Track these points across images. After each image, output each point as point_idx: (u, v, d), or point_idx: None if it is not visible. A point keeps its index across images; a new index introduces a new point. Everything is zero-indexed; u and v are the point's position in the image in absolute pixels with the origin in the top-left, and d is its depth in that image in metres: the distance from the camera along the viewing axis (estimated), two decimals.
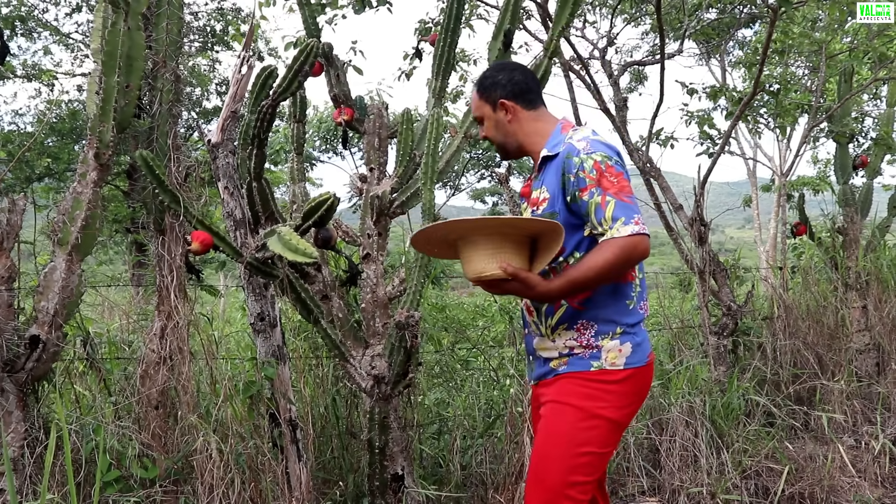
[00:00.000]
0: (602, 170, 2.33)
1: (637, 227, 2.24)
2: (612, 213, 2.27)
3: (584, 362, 2.43)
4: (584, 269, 2.29)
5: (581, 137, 2.44)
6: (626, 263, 2.27)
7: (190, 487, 3.36)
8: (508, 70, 2.64)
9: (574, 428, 2.38)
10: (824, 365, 5.46)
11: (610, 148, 2.43)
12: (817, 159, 17.28)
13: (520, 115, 2.62)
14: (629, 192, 2.33)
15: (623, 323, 2.44)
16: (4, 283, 3.04)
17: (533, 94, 2.64)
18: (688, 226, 5.60)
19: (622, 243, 2.23)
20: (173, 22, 3.48)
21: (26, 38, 15.54)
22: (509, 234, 2.32)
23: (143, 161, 3.14)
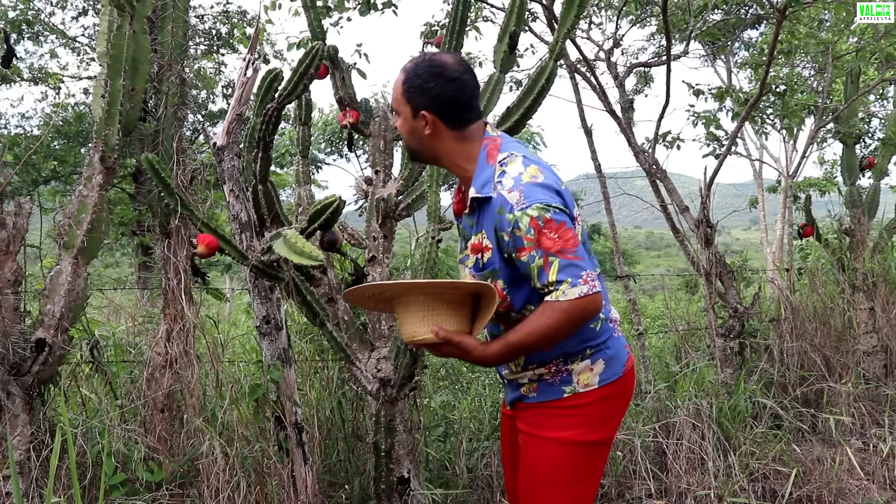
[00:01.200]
0: (540, 227, 2.08)
1: (586, 286, 2.06)
2: (557, 276, 2.06)
3: (555, 389, 2.30)
4: (524, 334, 2.14)
5: (512, 185, 2.16)
6: (573, 327, 2.11)
7: (196, 491, 3.36)
8: (443, 80, 2.26)
9: (559, 464, 2.28)
10: (832, 367, 5.44)
11: (546, 190, 2.16)
12: (824, 160, 17.22)
13: (441, 132, 2.31)
14: (574, 246, 2.09)
15: (593, 344, 2.29)
16: (10, 287, 3.04)
17: (464, 114, 2.29)
18: (694, 227, 5.59)
19: (567, 307, 2.06)
20: (178, 25, 3.49)
21: (33, 42, 15.61)
22: (443, 295, 2.19)
23: (148, 164, 3.15)
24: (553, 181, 2.20)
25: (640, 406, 4.54)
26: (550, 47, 3.58)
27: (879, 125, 12.30)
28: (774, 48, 5.42)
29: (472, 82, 2.31)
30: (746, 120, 5.97)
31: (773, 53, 5.52)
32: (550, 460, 2.28)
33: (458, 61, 2.31)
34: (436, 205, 3.55)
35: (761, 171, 20.92)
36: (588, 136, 6.61)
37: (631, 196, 7.18)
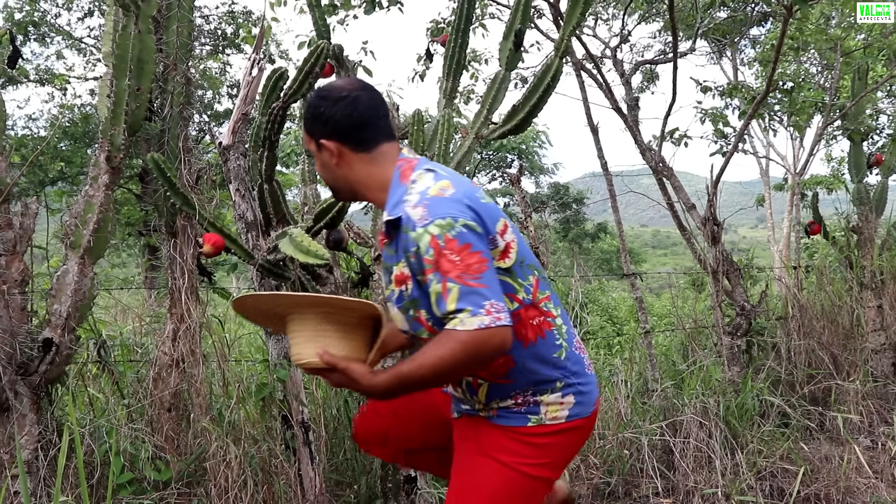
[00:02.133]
0: (440, 247, 1.86)
1: (488, 318, 1.81)
2: (457, 304, 1.82)
3: (519, 417, 2.08)
4: (417, 365, 1.90)
5: (417, 201, 1.95)
6: (472, 362, 1.86)
7: (203, 490, 3.36)
8: (330, 102, 2.09)
9: (497, 483, 2.08)
10: (839, 365, 5.42)
11: (454, 203, 1.94)
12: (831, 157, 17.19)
13: (348, 157, 2.11)
14: (478, 271, 1.86)
15: (562, 375, 2.09)
16: (18, 287, 3.05)
17: (363, 132, 2.10)
18: (701, 225, 5.57)
19: (465, 339, 1.81)
20: (184, 25, 3.49)
21: (39, 43, 15.64)
22: (332, 315, 2.00)
23: (154, 164, 3.15)
24: (467, 195, 1.99)
25: (648, 404, 4.53)
26: (556, 44, 3.57)
27: (887, 122, 12.27)
28: (781, 45, 5.40)
29: (367, 98, 2.11)
30: (754, 117, 5.95)
31: (781, 50, 5.50)
32: (489, 479, 2.09)
33: (348, 82, 2.14)
34: None
35: (768, 168, 20.89)
36: (594, 134, 6.61)
37: (637, 194, 7.17)
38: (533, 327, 2.05)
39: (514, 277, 2.03)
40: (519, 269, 2.04)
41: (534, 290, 2.08)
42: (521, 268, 2.05)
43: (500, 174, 27.42)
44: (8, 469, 2.96)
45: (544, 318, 2.08)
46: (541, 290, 2.10)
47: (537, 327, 2.06)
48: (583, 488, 3.86)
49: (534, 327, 2.05)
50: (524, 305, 2.04)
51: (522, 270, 2.05)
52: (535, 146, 27.67)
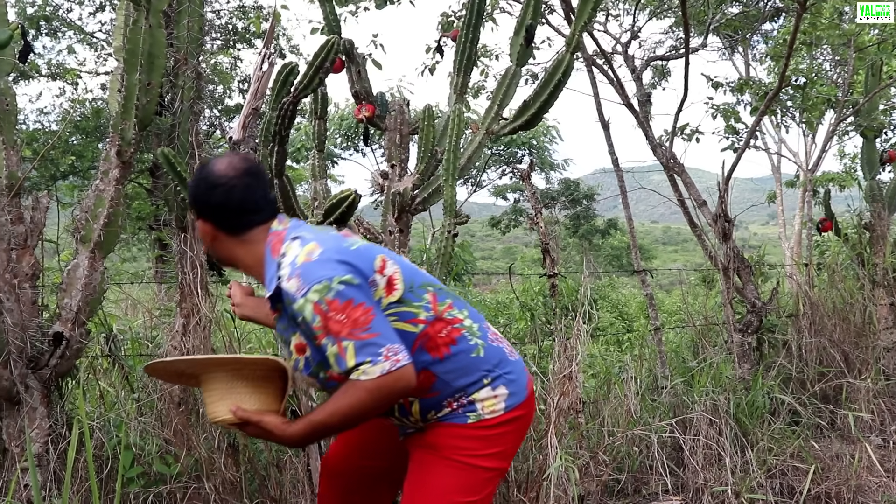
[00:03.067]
0: (324, 312, 1.94)
1: (388, 363, 1.92)
2: (355, 360, 1.92)
3: (459, 416, 2.16)
4: (328, 414, 2.00)
5: (289, 273, 2.02)
6: (382, 405, 1.98)
7: (211, 484, 3.37)
8: (205, 188, 2.16)
9: (448, 479, 2.15)
10: (851, 363, 5.39)
11: (325, 264, 2.01)
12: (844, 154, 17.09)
13: (221, 238, 2.21)
14: (366, 322, 1.95)
15: (486, 371, 2.17)
16: (28, 281, 3.06)
17: (235, 219, 2.17)
18: (712, 222, 5.55)
19: (370, 387, 1.92)
20: (194, 19, 3.49)
21: (51, 38, 15.70)
22: (241, 371, 2.09)
23: (164, 158, 3.16)
24: (335, 250, 2.06)
25: (657, 401, 4.52)
26: (567, 40, 3.56)
27: None
28: (794, 40, 5.37)
29: (242, 187, 2.15)
30: (766, 113, 5.92)
31: (793, 45, 5.46)
32: (438, 474, 2.17)
33: (229, 166, 2.18)
34: (452, 199, 3.54)
35: (780, 165, 20.80)
36: (605, 130, 6.58)
37: (648, 191, 7.15)
38: (443, 339, 2.14)
39: (409, 303, 2.12)
40: (411, 294, 2.13)
41: (433, 305, 2.16)
42: (412, 293, 2.13)
43: (510, 170, 27.38)
44: (18, 462, 2.97)
45: (451, 326, 2.16)
46: (440, 301, 2.18)
47: (447, 337, 2.15)
48: (592, 485, 3.85)
49: (444, 339, 2.14)
50: (429, 323, 2.13)
51: (415, 294, 2.14)
52: (546, 142, 27.62)
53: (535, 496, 3.52)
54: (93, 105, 15.67)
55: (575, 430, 3.80)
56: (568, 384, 3.67)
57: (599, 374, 5.00)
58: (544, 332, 4.68)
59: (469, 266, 12.40)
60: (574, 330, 3.80)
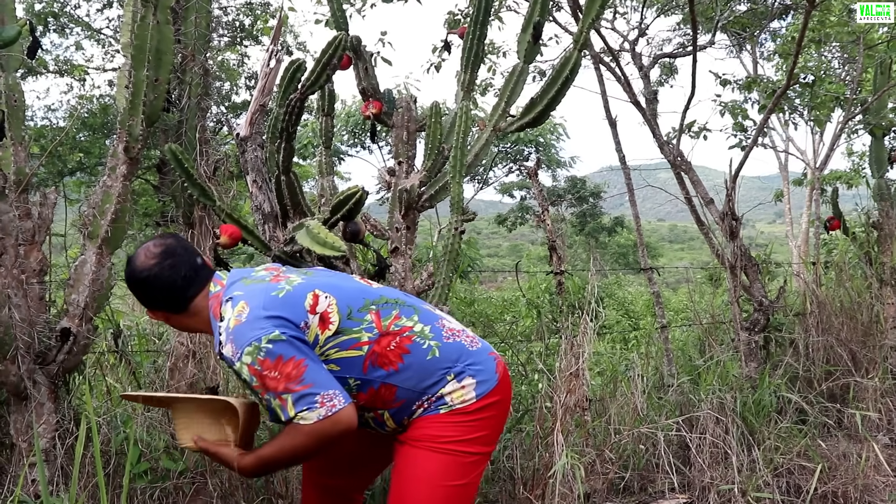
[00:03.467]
0: (259, 371, 2.06)
1: (323, 409, 2.04)
2: (295, 409, 2.05)
3: (431, 410, 2.26)
4: (275, 450, 2.17)
5: (225, 339, 2.14)
6: (323, 445, 2.12)
7: (218, 479, 3.37)
8: (136, 284, 2.29)
9: (432, 467, 2.23)
10: (858, 362, 5.37)
11: (252, 324, 2.11)
12: (852, 152, 17.02)
13: (174, 318, 2.37)
14: (297, 375, 2.06)
15: (446, 368, 2.26)
16: (36, 276, 3.07)
17: (172, 301, 2.30)
18: (719, 220, 5.54)
19: (309, 431, 2.06)
20: (202, 16, 3.50)
21: (59, 34, 15.70)
22: (203, 406, 2.27)
23: (172, 155, 3.16)
24: (262, 306, 2.14)
25: (664, 399, 4.51)
26: (575, 37, 3.55)
27: None
28: (803, 37, 5.35)
29: (167, 268, 2.26)
30: (774, 111, 5.90)
31: (802, 43, 5.44)
32: (422, 465, 2.25)
33: (146, 256, 2.28)
34: (459, 196, 3.53)
35: (787, 163, 20.73)
36: (612, 128, 6.58)
37: (654, 189, 7.13)
38: (393, 351, 2.22)
39: (349, 331, 2.20)
40: (349, 322, 2.20)
41: (376, 323, 2.23)
42: (350, 320, 2.21)
43: (516, 167, 27.34)
44: (26, 457, 2.98)
45: (399, 336, 2.23)
46: (384, 316, 2.25)
47: (398, 348, 2.22)
48: (598, 483, 3.85)
49: (394, 351, 2.22)
50: (373, 342, 2.21)
51: (354, 320, 2.21)
52: (553, 139, 27.57)
53: (542, 494, 3.51)
54: (100, 101, 15.68)
55: (581, 428, 3.80)
56: (574, 382, 3.67)
57: (606, 372, 4.99)
58: (551, 329, 4.68)
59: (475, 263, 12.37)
60: (581, 328, 3.79)
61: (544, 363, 4.28)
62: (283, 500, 3.45)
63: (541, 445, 3.67)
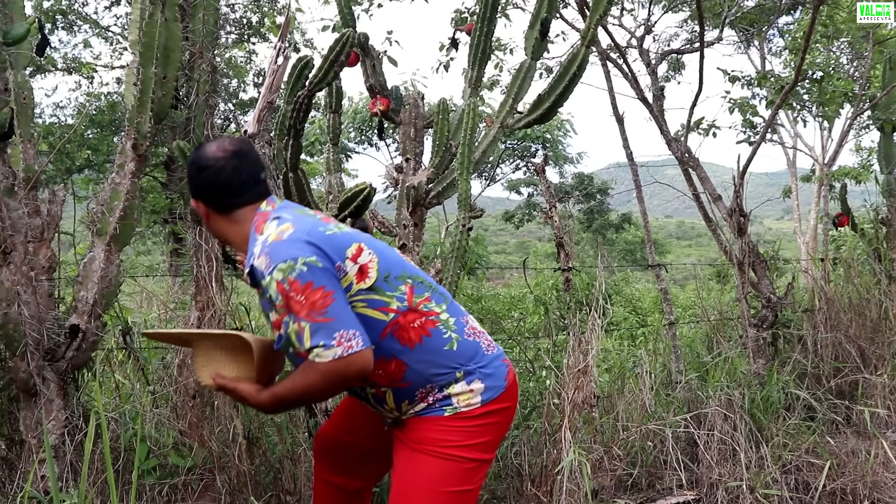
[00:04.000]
0: (286, 291, 2.03)
1: (340, 348, 1.99)
2: (311, 341, 2.00)
3: (436, 410, 2.23)
4: (288, 389, 2.14)
5: (260, 251, 2.13)
6: (335, 387, 2.11)
7: (226, 476, 3.38)
8: (199, 169, 2.28)
9: (433, 472, 2.21)
10: (867, 358, 5.35)
11: (293, 244, 2.09)
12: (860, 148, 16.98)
13: (214, 217, 2.34)
14: (323, 305, 2.02)
15: (459, 364, 2.23)
16: (45, 273, 3.08)
17: (224, 199, 2.29)
18: (727, 216, 5.52)
19: (323, 370, 2.01)
20: (209, 13, 3.50)
21: (67, 32, 15.76)
22: (221, 342, 2.26)
23: (180, 151, 3.17)
24: (307, 232, 2.13)
25: (671, 396, 4.50)
26: (582, 34, 3.55)
27: None
28: (811, 33, 5.33)
29: (231, 167, 2.27)
30: (782, 107, 5.88)
31: (810, 39, 5.42)
32: (423, 469, 2.22)
33: (220, 149, 2.29)
34: (466, 193, 3.54)
35: (795, 159, 20.66)
36: (620, 124, 6.56)
37: (662, 185, 7.12)
38: (415, 330, 2.19)
39: (382, 292, 2.17)
40: (385, 284, 2.18)
41: (409, 296, 2.21)
42: (386, 283, 2.19)
43: (524, 164, 27.31)
44: (36, 453, 2.99)
45: (426, 318, 2.21)
46: (417, 294, 2.23)
47: (420, 328, 2.20)
48: (605, 479, 3.84)
49: (416, 329, 2.20)
50: (401, 313, 2.18)
51: (390, 284, 2.19)
52: (560, 136, 27.54)
53: (549, 490, 3.51)
54: (108, 99, 15.73)
55: (589, 425, 3.80)
56: (582, 378, 3.66)
57: (613, 369, 4.99)
58: (558, 326, 4.68)
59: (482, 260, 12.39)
60: (589, 324, 3.79)
61: (552, 360, 4.28)
62: (292, 496, 3.46)
63: (548, 442, 3.66)
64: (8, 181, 2.99)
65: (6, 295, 2.93)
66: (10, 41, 2.82)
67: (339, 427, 2.65)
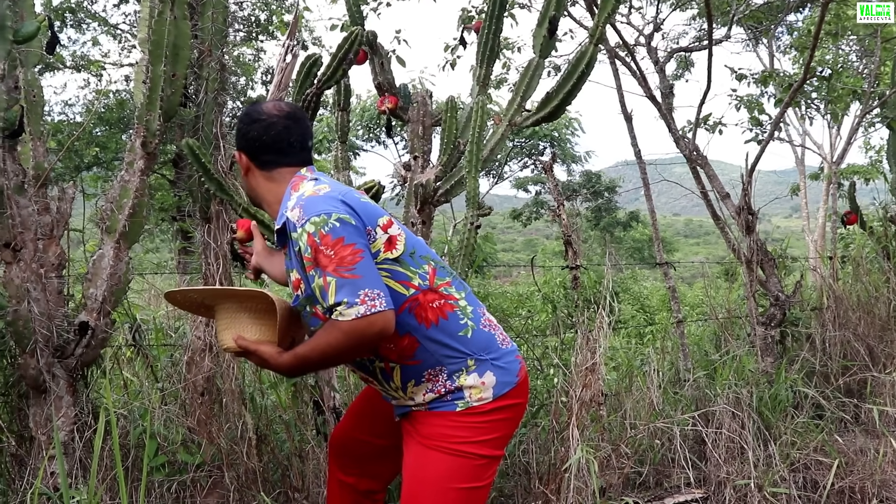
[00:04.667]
0: (316, 244, 2.03)
1: (363, 307, 1.98)
2: (335, 297, 1.99)
3: (448, 404, 2.21)
4: (310, 349, 2.13)
5: (295, 203, 2.15)
6: (357, 347, 2.06)
7: (234, 473, 3.39)
8: (248, 120, 2.36)
9: (443, 469, 2.20)
10: (875, 357, 5.34)
11: (328, 200, 2.12)
12: (869, 146, 16.91)
13: (253, 171, 2.39)
14: (351, 262, 2.02)
15: (471, 352, 2.22)
16: (54, 271, 3.09)
17: (266, 154, 2.34)
18: (735, 214, 5.52)
19: (346, 328, 2.00)
20: (219, 11, 3.51)
21: (76, 30, 15.80)
22: (245, 303, 2.25)
23: (189, 150, 3.18)
24: (342, 193, 2.17)
25: (679, 394, 4.50)
26: (591, 31, 3.55)
27: None
28: (820, 31, 5.31)
29: (281, 127, 2.34)
30: (790, 105, 5.87)
31: (819, 36, 5.41)
32: (434, 464, 2.21)
33: (275, 107, 2.38)
34: (474, 191, 3.54)
35: (803, 157, 20.60)
36: (628, 123, 6.55)
37: (670, 183, 7.11)
38: (433, 309, 2.20)
39: (406, 266, 2.19)
40: (410, 259, 2.20)
41: (430, 276, 2.23)
42: (412, 258, 2.21)
43: (531, 161, 27.30)
44: (45, 450, 3.01)
45: (445, 300, 2.22)
46: (439, 276, 2.25)
47: (438, 309, 2.21)
48: (613, 477, 3.84)
49: (434, 309, 2.20)
50: (421, 290, 2.20)
51: (414, 260, 2.22)
52: (568, 134, 27.53)
53: (557, 488, 3.52)
54: (116, 97, 15.77)
55: (597, 423, 3.80)
56: (590, 376, 3.66)
57: (621, 367, 4.98)
58: (566, 324, 4.68)
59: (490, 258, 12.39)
60: (597, 322, 3.79)
61: (560, 357, 4.28)
62: (300, 493, 3.47)
63: (556, 440, 3.67)
64: (18, 178, 3.00)
65: (16, 292, 2.94)
66: (21, 39, 2.83)
67: (353, 427, 2.67)
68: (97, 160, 15.24)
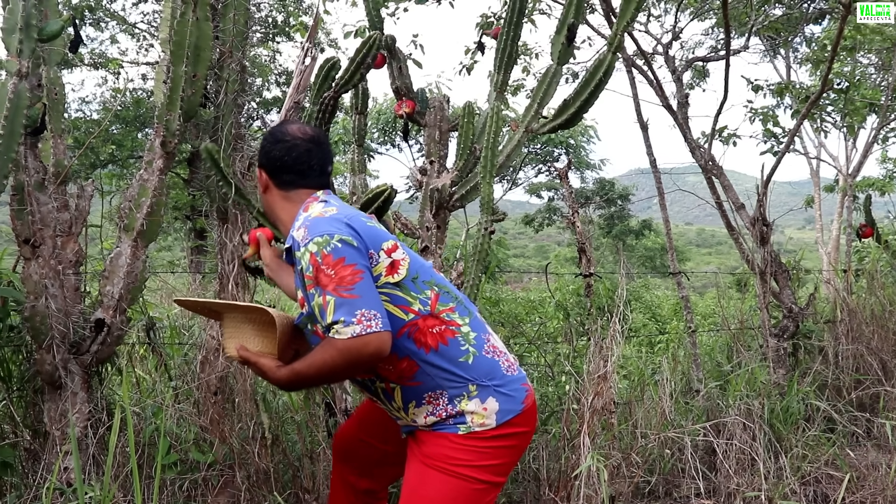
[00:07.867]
0: (318, 263, 2.07)
1: (359, 326, 2.00)
2: (333, 316, 2.02)
3: (450, 427, 2.21)
4: (307, 365, 2.14)
5: (301, 223, 2.22)
6: (352, 366, 2.06)
7: (245, 473, 3.41)
8: (272, 140, 2.42)
9: (442, 489, 2.19)
10: (889, 371, 5.32)
11: (332, 222, 2.16)
12: (886, 158, 16.81)
13: (270, 189, 2.45)
14: (351, 282, 2.05)
15: (473, 378, 2.21)
16: (72, 267, 3.11)
17: (286, 174, 2.40)
18: (749, 225, 5.50)
19: (341, 347, 2.01)
20: (240, 13, 3.52)
21: (94, 28, 15.91)
22: (250, 315, 2.29)
23: (208, 154, 3.20)
24: (348, 216, 2.21)
25: (691, 404, 4.49)
26: (609, 39, 3.55)
27: None
28: (838, 43, 5.30)
29: (303, 150, 2.40)
30: (806, 117, 5.85)
31: (837, 49, 5.40)
32: (434, 486, 2.21)
33: (299, 129, 2.45)
34: (489, 196, 3.55)
35: (818, 169, 20.50)
36: (644, 131, 6.54)
37: (683, 192, 7.10)
38: (433, 335, 2.21)
39: (407, 291, 2.22)
40: (412, 284, 2.22)
41: (432, 302, 2.24)
42: (414, 283, 2.23)
43: (545, 168, 27.28)
44: (59, 445, 3.03)
45: (446, 326, 2.23)
46: (442, 303, 2.26)
47: (439, 335, 2.21)
48: (623, 486, 3.84)
49: (434, 335, 2.21)
50: (421, 315, 2.21)
51: (416, 286, 2.23)
52: (583, 141, 27.51)
53: (566, 495, 3.52)
54: (133, 95, 15.87)
55: (608, 431, 3.79)
56: (602, 385, 3.66)
57: (633, 376, 4.98)
58: (578, 331, 4.68)
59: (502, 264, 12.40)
60: (610, 330, 3.79)
61: (572, 365, 4.28)
62: (310, 494, 3.48)
63: (567, 447, 3.67)
64: (39, 175, 3.02)
65: (34, 288, 2.97)
66: (45, 37, 2.86)
67: (358, 429, 2.69)
68: (113, 158, 15.34)
